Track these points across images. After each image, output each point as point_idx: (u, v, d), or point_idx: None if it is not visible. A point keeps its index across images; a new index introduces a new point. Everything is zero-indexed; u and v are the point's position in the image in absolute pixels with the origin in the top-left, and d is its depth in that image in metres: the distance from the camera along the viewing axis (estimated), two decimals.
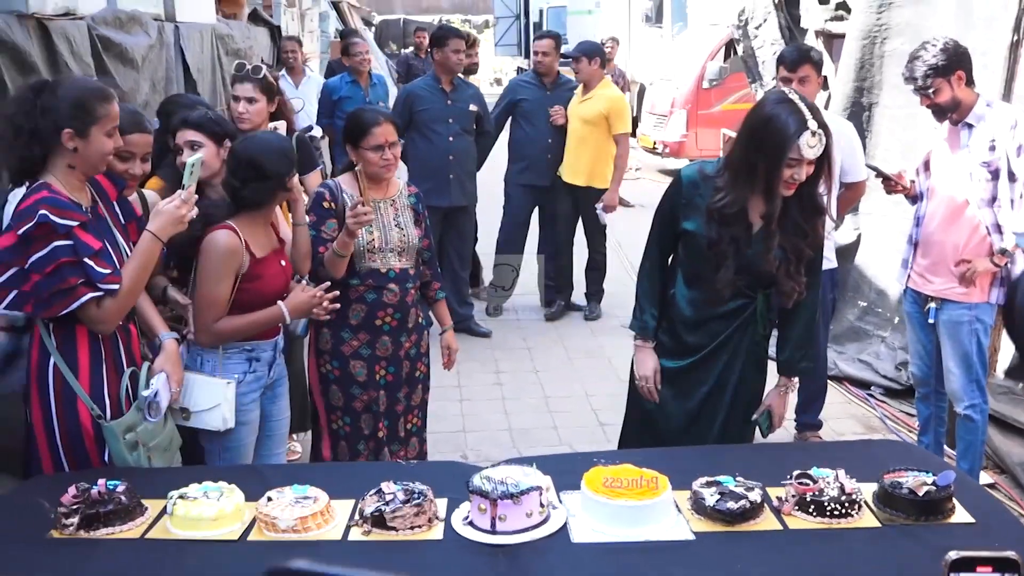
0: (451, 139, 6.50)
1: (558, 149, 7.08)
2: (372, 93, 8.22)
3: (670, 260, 3.39)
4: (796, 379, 3.38)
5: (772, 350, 3.37)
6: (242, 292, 3.20)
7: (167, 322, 3.20)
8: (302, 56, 9.53)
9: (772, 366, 3.38)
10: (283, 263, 3.36)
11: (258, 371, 3.33)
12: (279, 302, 3.27)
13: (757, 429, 3.41)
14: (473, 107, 6.63)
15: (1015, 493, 4.49)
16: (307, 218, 3.55)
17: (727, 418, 3.32)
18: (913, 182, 4.37)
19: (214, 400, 3.18)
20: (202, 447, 3.31)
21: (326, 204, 3.64)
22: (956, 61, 4.00)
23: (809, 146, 2.92)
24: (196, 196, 2.96)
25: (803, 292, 3.19)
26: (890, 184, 4.36)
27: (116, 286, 2.77)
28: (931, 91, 4.03)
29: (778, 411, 3.28)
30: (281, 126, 3.71)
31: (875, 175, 4.46)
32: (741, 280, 3.15)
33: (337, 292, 3.41)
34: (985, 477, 4.53)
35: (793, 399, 3.23)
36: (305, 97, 8.87)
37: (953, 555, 1.10)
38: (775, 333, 3.39)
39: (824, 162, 3.02)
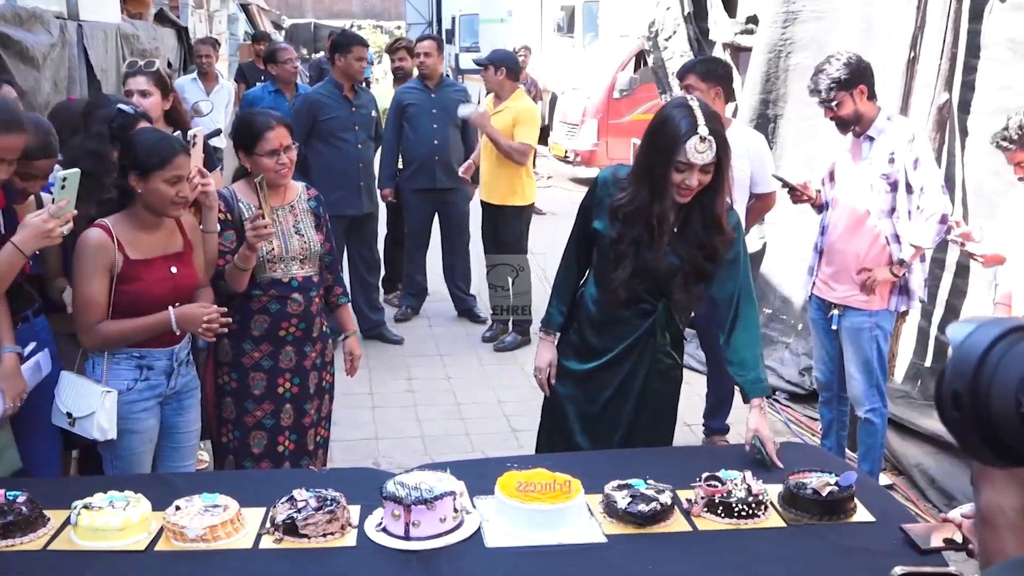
0: (359, 146, 6.45)
1: (446, 150, 6.95)
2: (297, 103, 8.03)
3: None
4: (761, 399, 3.20)
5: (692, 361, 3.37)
6: (119, 294, 3.10)
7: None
8: (216, 60, 9.32)
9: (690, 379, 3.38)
10: (174, 270, 3.21)
11: (151, 379, 3.20)
12: (169, 308, 3.14)
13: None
14: (373, 112, 6.69)
15: (912, 494, 4.64)
16: (217, 225, 3.46)
17: (631, 426, 3.30)
18: (819, 192, 4.50)
19: (90, 407, 3.08)
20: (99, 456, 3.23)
21: (221, 215, 3.49)
22: (859, 75, 4.13)
23: (697, 151, 2.89)
24: (74, 212, 2.88)
25: (697, 306, 3.22)
26: (796, 194, 4.48)
27: None
28: (834, 104, 4.15)
29: (764, 434, 3.10)
30: (200, 132, 3.57)
31: (781, 185, 4.57)
32: (639, 283, 3.14)
33: (230, 320, 3.27)
34: (884, 478, 4.67)
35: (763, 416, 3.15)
36: (215, 105, 8.68)
37: (899, 571, 1.15)
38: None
39: (720, 174, 3.00)
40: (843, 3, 5.88)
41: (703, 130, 2.89)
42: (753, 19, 6.91)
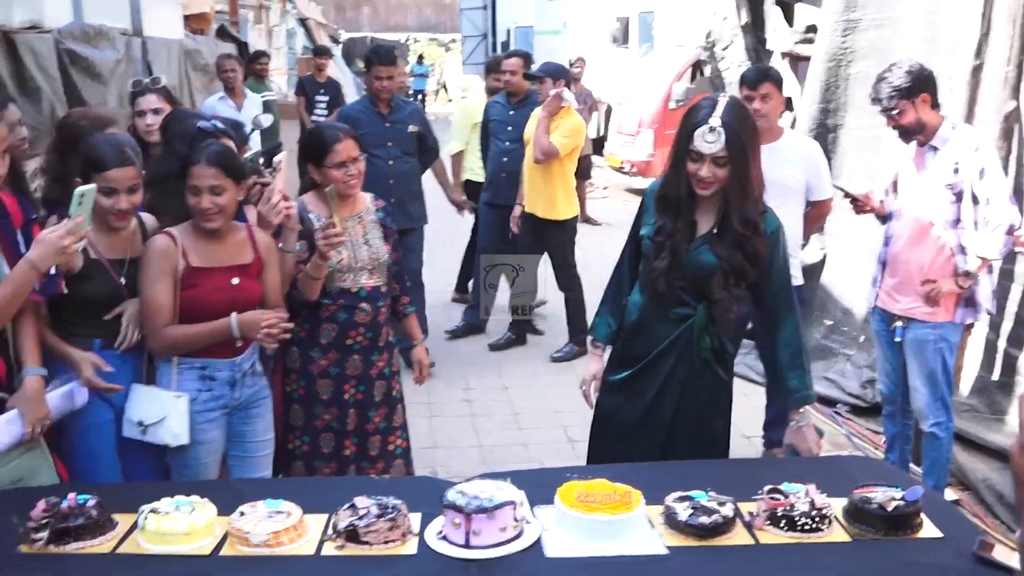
0: (391, 163, 6.23)
1: (519, 167, 6.86)
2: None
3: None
4: (803, 409, 3.23)
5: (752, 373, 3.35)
6: (178, 299, 3.17)
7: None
8: (241, 74, 9.12)
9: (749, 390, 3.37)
10: (235, 281, 3.25)
11: (215, 390, 3.26)
12: (232, 314, 3.18)
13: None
14: (412, 128, 6.41)
15: (978, 509, 4.54)
16: (296, 246, 3.51)
17: (673, 429, 3.27)
18: (883, 202, 4.44)
19: (161, 412, 3.13)
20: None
21: None
22: (920, 84, 4.08)
23: (705, 140, 2.95)
24: (89, 227, 2.89)
25: (735, 308, 3.16)
26: (858, 205, 4.43)
27: None
28: (895, 112, 4.10)
29: (801, 447, 3.13)
30: (285, 158, 3.65)
31: (843, 196, 4.52)
32: (677, 279, 3.13)
33: (291, 325, 3.34)
34: (950, 494, 4.59)
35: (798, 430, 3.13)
36: (245, 120, 8.66)
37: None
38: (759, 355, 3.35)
39: (739, 171, 3.01)
40: (906, 11, 5.81)
41: (714, 120, 2.94)
42: (812, 28, 6.86)
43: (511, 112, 7.03)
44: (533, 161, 6.55)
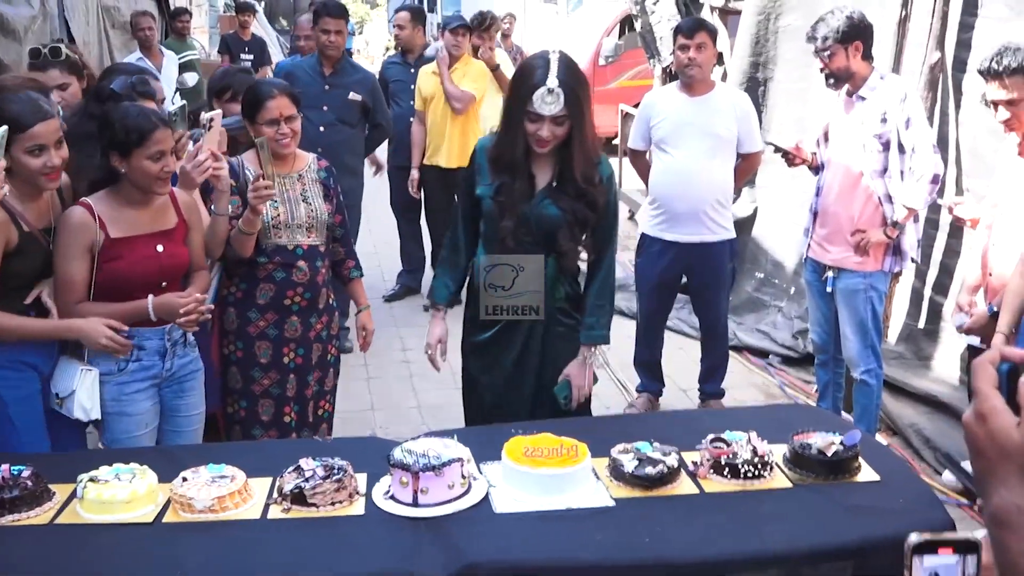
0: (322, 128, 5.68)
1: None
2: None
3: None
4: (594, 348, 3.32)
5: None
6: (100, 272, 3.03)
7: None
8: (159, 33, 8.87)
9: (684, 344, 3.42)
10: (160, 248, 3.12)
11: (144, 360, 3.14)
12: (149, 296, 3.06)
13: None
14: (355, 95, 5.89)
15: (907, 454, 4.66)
16: (228, 207, 3.41)
17: (539, 387, 3.33)
18: (815, 153, 4.49)
19: (70, 386, 3.02)
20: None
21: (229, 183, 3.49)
22: (856, 31, 4.12)
23: (545, 102, 2.96)
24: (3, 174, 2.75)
25: (577, 255, 3.24)
26: (790, 159, 4.47)
27: None
28: (827, 54, 4.14)
29: (576, 381, 3.24)
30: (217, 116, 3.51)
31: (775, 151, 4.56)
32: (525, 234, 3.17)
33: (211, 307, 3.25)
34: (880, 439, 4.69)
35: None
36: (167, 80, 8.31)
37: (915, 537, 1.12)
38: None
39: (577, 128, 3.05)
40: None
41: (552, 82, 2.97)
42: None
43: (412, 71, 6.89)
44: (452, 114, 6.53)
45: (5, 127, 2.74)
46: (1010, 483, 0.99)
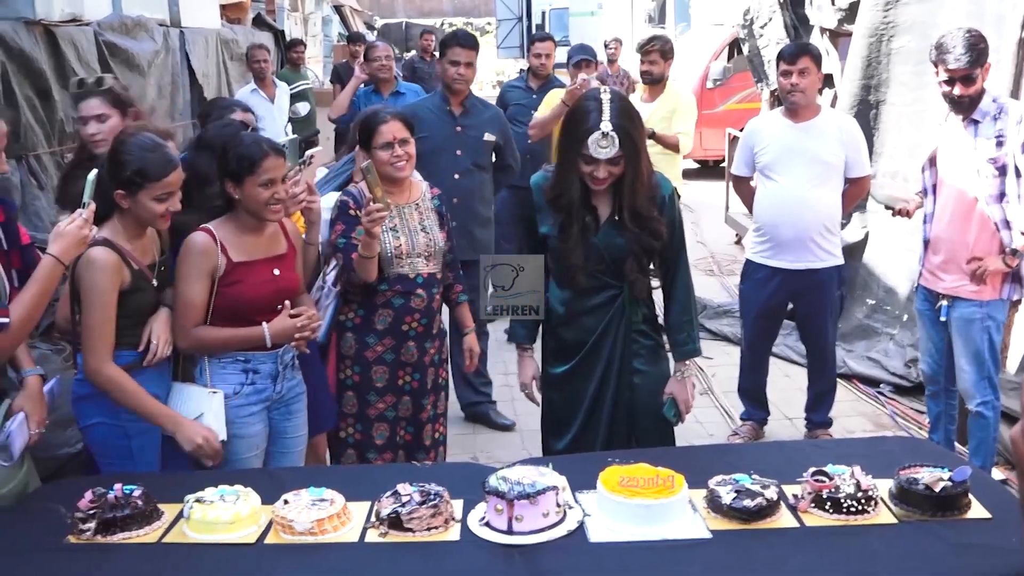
0: (456, 176, 5.07)
1: (542, 149, 6.39)
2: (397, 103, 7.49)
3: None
4: (688, 362, 3.32)
5: None
6: (220, 296, 3.13)
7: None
8: (272, 64, 9.00)
9: (791, 372, 3.36)
10: (276, 272, 3.24)
11: (257, 384, 3.24)
12: (264, 324, 3.15)
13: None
14: (489, 136, 5.24)
15: None
16: (319, 238, 3.52)
17: (626, 408, 3.32)
18: (919, 194, 4.38)
19: (198, 409, 3.10)
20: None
21: (352, 212, 3.58)
22: (986, 52, 3.98)
23: (600, 146, 2.99)
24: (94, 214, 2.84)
25: (646, 283, 3.24)
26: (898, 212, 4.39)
27: (5, 320, 2.68)
28: (967, 78, 3.94)
29: (680, 396, 3.27)
30: (319, 153, 3.62)
31: (885, 207, 4.45)
32: (597, 266, 3.19)
33: (321, 322, 3.33)
34: (997, 473, 4.51)
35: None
36: (280, 111, 8.49)
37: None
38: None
39: (632, 167, 3.07)
40: None
41: (606, 126, 2.98)
42: (855, 4, 6.74)
43: (534, 96, 6.79)
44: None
45: (95, 171, 2.84)
46: None
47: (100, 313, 2.94)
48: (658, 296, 3.38)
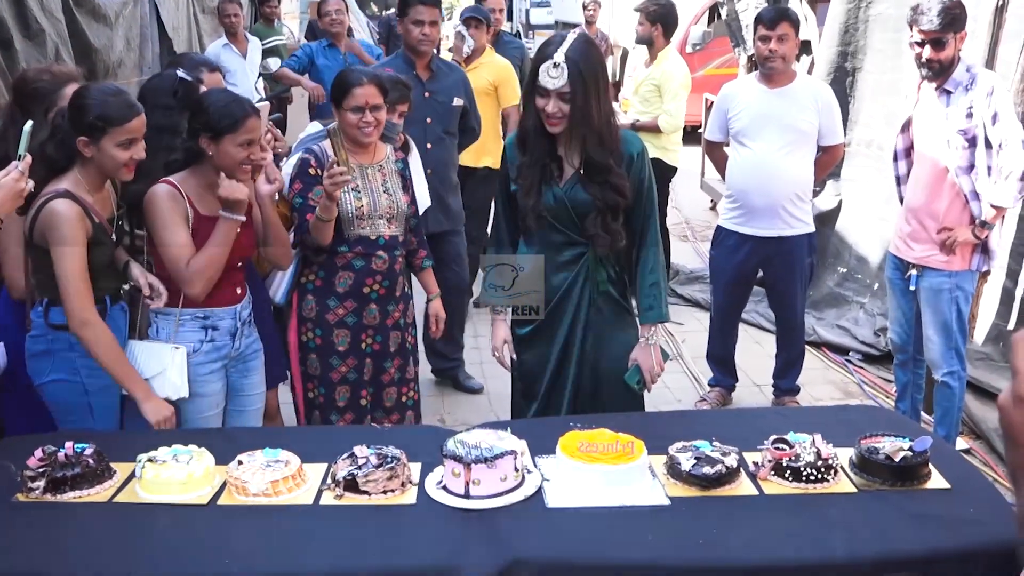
0: (429, 146, 4.85)
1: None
2: (351, 59, 7.51)
3: None
4: (654, 328, 3.25)
5: None
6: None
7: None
8: (244, 19, 8.78)
9: (760, 338, 3.34)
10: (238, 230, 3.16)
11: (216, 340, 3.21)
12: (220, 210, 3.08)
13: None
14: (458, 100, 5.05)
15: (990, 458, 4.50)
16: (275, 194, 3.41)
17: (590, 370, 3.29)
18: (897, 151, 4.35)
19: (160, 366, 3.07)
20: None
21: (312, 171, 3.52)
22: (963, 19, 3.94)
23: (549, 75, 2.97)
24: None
25: (617, 241, 3.17)
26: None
27: None
28: (940, 43, 3.92)
29: (644, 364, 3.21)
30: (265, 107, 3.55)
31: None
32: (556, 216, 3.14)
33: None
34: (961, 443, 4.54)
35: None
36: (252, 66, 8.44)
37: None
38: None
39: (578, 107, 2.99)
40: None
41: (559, 56, 2.97)
42: None
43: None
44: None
45: (30, 123, 2.72)
46: None
47: (79, 261, 2.90)
48: None
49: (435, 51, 5.11)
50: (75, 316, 2.91)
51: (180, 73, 3.46)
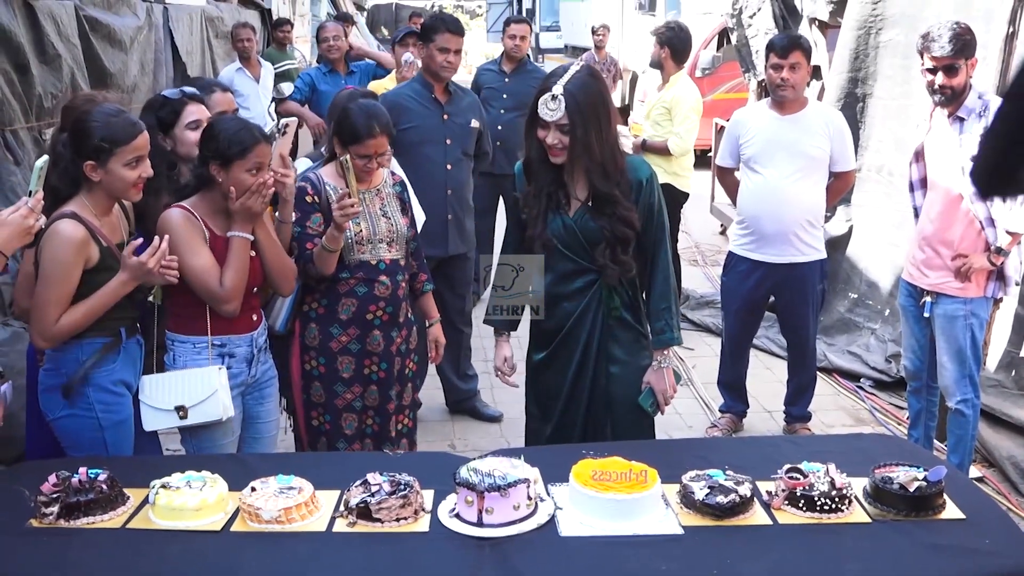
0: (449, 167, 4.91)
1: (511, 136, 6.21)
2: (351, 83, 7.53)
3: None
4: (667, 351, 3.27)
5: None
6: None
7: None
8: (257, 44, 8.87)
9: (772, 364, 3.33)
10: (252, 253, 3.18)
11: (233, 368, 3.20)
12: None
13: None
14: (475, 122, 5.09)
15: (1003, 487, 4.48)
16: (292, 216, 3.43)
17: (603, 400, 3.29)
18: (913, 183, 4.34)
19: (209, 389, 3.06)
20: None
21: (309, 199, 3.50)
22: (973, 46, 3.94)
23: (547, 108, 2.99)
24: (42, 203, 2.69)
25: (627, 272, 3.18)
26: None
27: None
28: (952, 69, 3.91)
29: (657, 387, 3.23)
30: (293, 123, 3.56)
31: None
32: (567, 245, 3.16)
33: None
34: (974, 471, 4.52)
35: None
36: (265, 90, 8.52)
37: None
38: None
39: (578, 139, 3.01)
40: None
41: (557, 88, 2.98)
42: None
43: (506, 80, 6.80)
44: None
45: (44, 158, 2.72)
46: None
47: (57, 288, 2.86)
48: None
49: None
50: (40, 337, 2.89)
51: (166, 93, 3.47)
